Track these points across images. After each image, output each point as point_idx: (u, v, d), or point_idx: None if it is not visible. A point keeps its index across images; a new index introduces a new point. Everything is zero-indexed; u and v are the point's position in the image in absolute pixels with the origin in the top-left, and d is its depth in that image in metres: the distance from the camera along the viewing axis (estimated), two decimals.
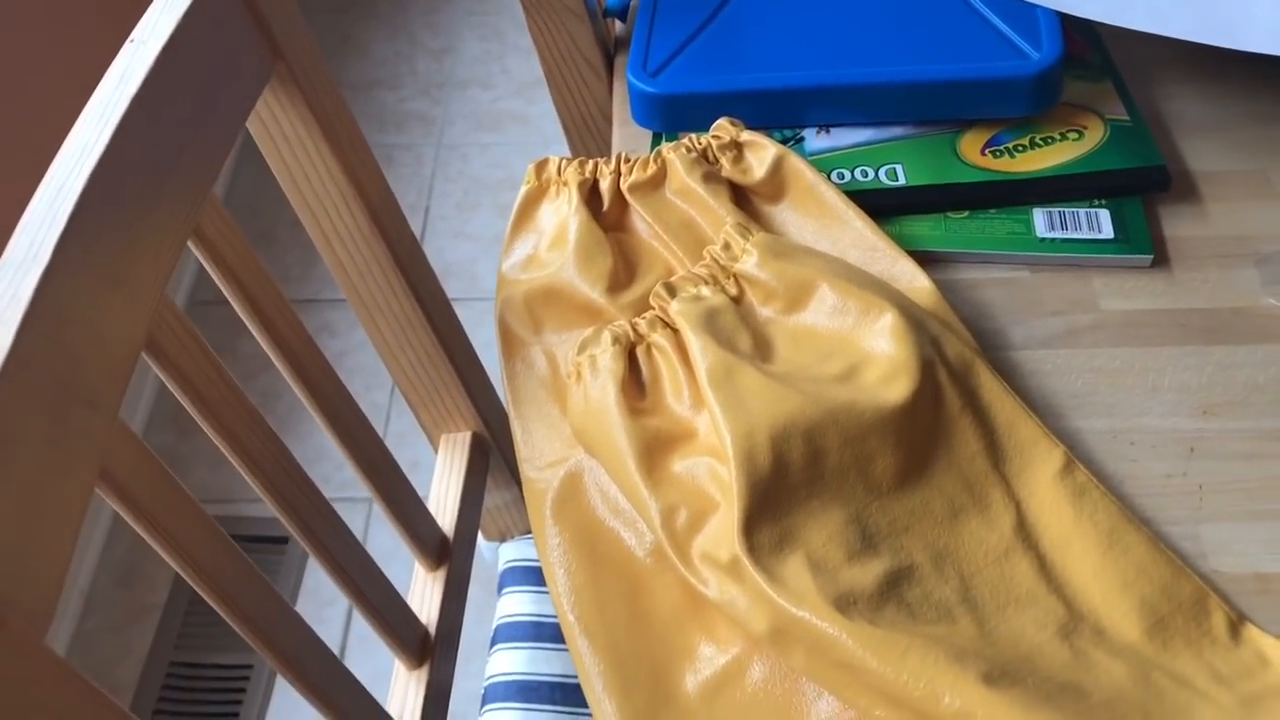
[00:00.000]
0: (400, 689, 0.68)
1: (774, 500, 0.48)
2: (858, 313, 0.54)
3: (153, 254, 0.48)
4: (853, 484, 0.50)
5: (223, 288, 0.55)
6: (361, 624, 1.43)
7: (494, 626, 0.86)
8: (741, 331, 0.54)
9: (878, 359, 0.53)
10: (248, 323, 0.57)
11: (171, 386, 0.50)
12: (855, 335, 0.54)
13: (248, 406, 0.54)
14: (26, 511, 0.39)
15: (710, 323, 0.54)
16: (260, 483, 0.54)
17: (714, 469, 0.50)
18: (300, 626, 0.55)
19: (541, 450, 0.56)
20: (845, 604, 0.45)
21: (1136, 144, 0.65)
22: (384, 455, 0.67)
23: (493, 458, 0.82)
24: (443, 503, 0.76)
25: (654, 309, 0.56)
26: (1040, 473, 0.52)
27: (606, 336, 0.55)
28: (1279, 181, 0.66)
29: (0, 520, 0.37)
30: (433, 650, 0.69)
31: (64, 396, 0.41)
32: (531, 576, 0.87)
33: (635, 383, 0.54)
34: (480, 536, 0.91)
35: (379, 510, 1.50)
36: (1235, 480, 0.54)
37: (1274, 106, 0.69)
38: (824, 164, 0.65)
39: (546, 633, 0.83)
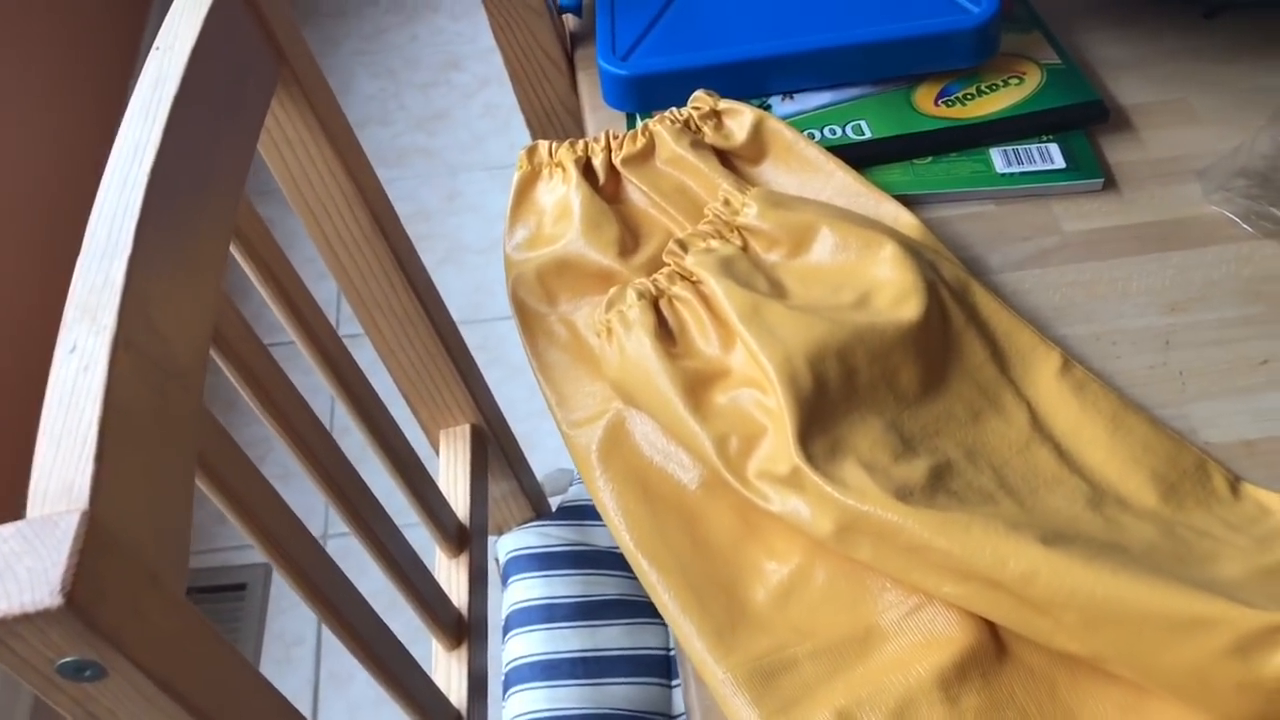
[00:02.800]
0: (443, 669, 0.69)
1: (820, 415, 0.52)
2: (859, 248, 0.59)
3: (212, 247, 0.50)
4: (884, 396, 0.54)
5: (257, 284, 0.57)
6: (333, 660, 1.42)
7: (505, 615, 0.88)
8: (757, 275, 0.58)
9: (885, 285, 0.57)
10: (279, 315, 0.59)
11: (233, 378, 0.52)
12: (860, 268, 0.58)
13: (299, 398, 0.56)
14: (152, 483, 0.40)
15: (728, 269, 0.58)
16: (317, 475, 0.56)
17: (756, 398, 0.54)
18: (361, 601, 0.57)
19: (578, 408, 0.59)
20: (904, 494, 0.49)
21: (1072, 83, 0.71)
22: (404, 444, 0.69)
23: (490, 450, 0.84)
24: (454, 493, 0.78)
25: (669, 265, 0.60)
26: (1042, 373, 0.57)
27: (631, 293, 0.58)
28: (1200, 107, 0.73)
29: (134, 484, 0.39)
30: (468, 631, 0.71)
31: (164, 375, 0.43)
32: (535, 563, 0.89)
33: (664, 332, 0.57)
34: None
35: (337, 534, 1.51)
36: (1211, 363, 0.60)
37: (1182, 42, 0.76)
38: (794, 126, 0.70)
39: (559, 613, 0.85)
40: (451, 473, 0.79)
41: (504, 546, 0.91)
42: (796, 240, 0.60)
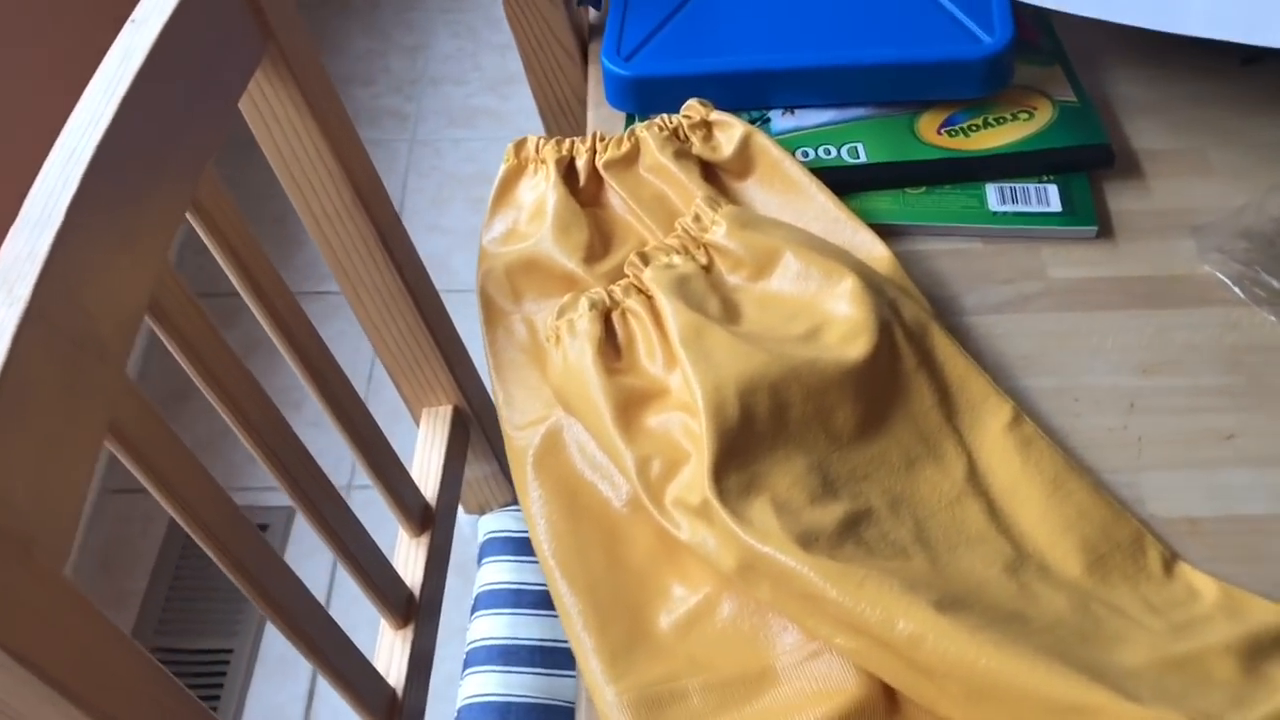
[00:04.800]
0: (386, 647, 0.70)
1: (741, 449, 0.51)
2: (820, 278, 0.58)
3: (157, 221, 0.51)
4: (815, 435, 0.53)
5: (216, 255, 0.58)
6: (344, 595, 1.45)
7: (475, 594, 0.89)
8: (711, 296, 0.58)
9: (838, 320, 0.56)
10: (239, 288, 0.60)
11: (172, 348, 0.53)
12: (818, 299, 0.58)
13: (243, 370, 0.57)
14: (45, 455, 0.41)
15: (681, 288, 0.57)
16: (256, 445, 0.57)
17: (685, 423, 0.53)
18: (289, 575, 0.58)
19: (522, 411, 0.59)
20: (808, 541, 0.48)
21: (1083, 124, 0.69)
22: (368, 421, 0.70)
23: (473, 431, 0.85)
24: (425, 472, 0.79)
25: (628, 277, 0.59)
26: (990, 425, 0.56)
27: (584, 302, 0.58)
28: (1216, 159, 0.70)
29: (22, 462, 0.40)
30: (417, 611, 0.72)
31: (77, 348, 0.44)
32: (511, 546, 0.90)
33: (611, 345, 0.57)
34: (460, 510, 0.94)
35: (361, 486, 1.53)
36: (1172, 433, 0.58)
37: (1212, 88, 0.73)
38: (789, 143, 0.69)
39: (526, 599, 0.86)
40: (426, 452, 0.80)
41: (484, 526, 0.92)
42: (761, 263, 0.59)
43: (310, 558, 1.49)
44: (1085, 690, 0.42)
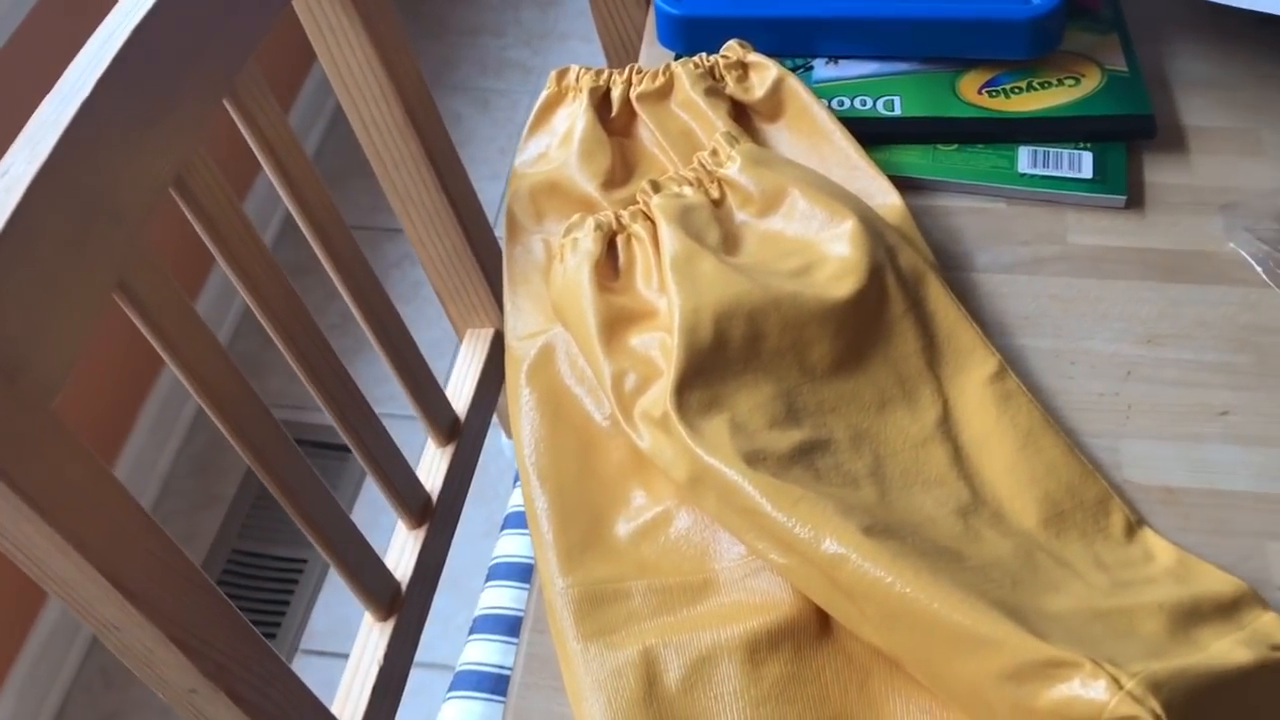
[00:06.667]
0: (399, 544, 0.74)
1: (709, 369, 0.53)
2: (823, 218, 0.59)
3: (190, 104, 0.55)
4: (788, 366, 0.54)
5: (256, 152, 0.62)
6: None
7: (507, 513, 0.92)
8: (712, 228, 0.59)
9: (832, 259, 0.57)
10: (280, 191, 0.63)
11: (196, 224, 0.57)
12: (818, 239, 0.58)
13: (268, 258, 0.60)
14: (45, 295, 0.46)
15: (684, 217, 0.59)
16: (272, 324, 0.61)
17: (665, 342, 0.55)
18: (294, 452, 0.62)
19: (526, 323, 0.62)
20: (754, 459, 0.49)
21: (1129, 93, 0.68)
22: (398, 322, 0.73)
23: None
24: (460, 389, 0.82)
25: (638, 204, 0.61)
26: (973, 376, 0.56)
27: (590, 222, 0.60)
28: (1269, 141, 0.68)
29: (20, 298, 0.44)
30: (433, 514, 0.75)
31: (90, 207, 0.48)
32: None
33: (610, 265, 0.59)
34: (502, 434, 0.97)
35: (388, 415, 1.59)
36: (1164, 404, 0.57)
37: (1276, 69, 0.71)
38: (827, 91, 0.69)
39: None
40: (464, 369, 0.83)
41: None
42: (769, 200, 0.60)
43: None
44: (992, 624, 0.43)
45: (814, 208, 0.59)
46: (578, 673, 0.49)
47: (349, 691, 0.68)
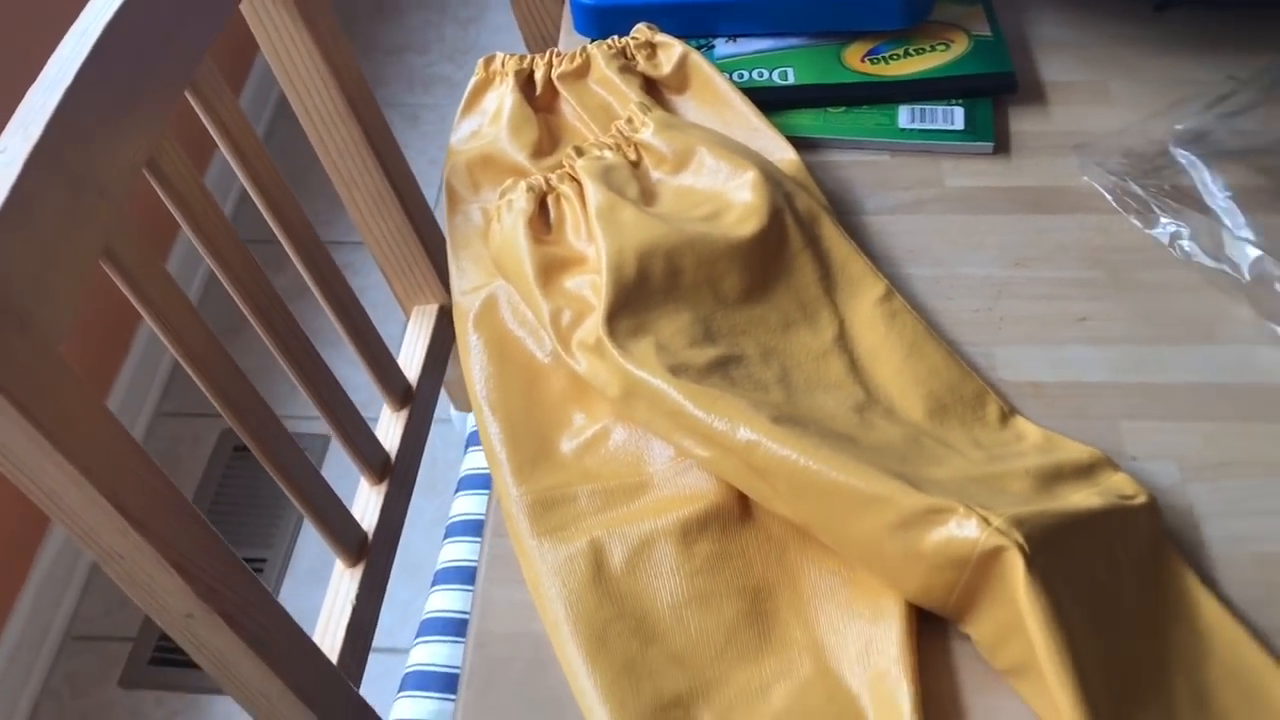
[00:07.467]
0: (363, 499, 0.81)
1: (635, 301, 0.60)
2: (728, 171, 0.67)
3: (157, 93, 0.61)
4: (703, 296, 0.62)
5: (214, 135, 0.68)
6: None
7: (460, 476, 0.98)
8: (631, 184, 0.67)
9: (737, 205, 0.65)
10: (237, 170, 0.70)
11: (167, 201, 0.63)
12: (724, 189, 0.66)
13: (229, 229, 0.67)
14: (44, 257, 0.52)
15: (606, 175, 0.67)
16: (235, 287, 0.67)
17: (595, 282, 0.63)
18: (265, 406, 0.68)
19: (470, 280, 0.69)
20: (677, 370, 0.57)
21: (993, 55, 0.77)
22: (354, 301, 0.80)
23: None
24: (410, 360, 0.89)
25: (565, 167, 0.69)
26: (864, 299, 0.64)
27: (522, 185, 0.67)
28: (1116, 91, 0.77)
29: (23, 257, 0.51)
30: (392, 472, 0.82)
31: (78, 181, 0.55)
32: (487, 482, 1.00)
33: (543, 221, 0.67)
34: (451, 407, 1.04)
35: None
36: (1031, 315, 0.66)
37: (1124, 30, 0.81)
38: (728, 66, 0.78)
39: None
40: (412, 343, 0.90)
41: (469, 423, 1.02)
42: (680, 159, 0.68)
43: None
44: (882, 484, 0.51)
45: (719, 163, 0.67)
46: (535, 565, 0.56)
47: (325, 629, 0.74)
